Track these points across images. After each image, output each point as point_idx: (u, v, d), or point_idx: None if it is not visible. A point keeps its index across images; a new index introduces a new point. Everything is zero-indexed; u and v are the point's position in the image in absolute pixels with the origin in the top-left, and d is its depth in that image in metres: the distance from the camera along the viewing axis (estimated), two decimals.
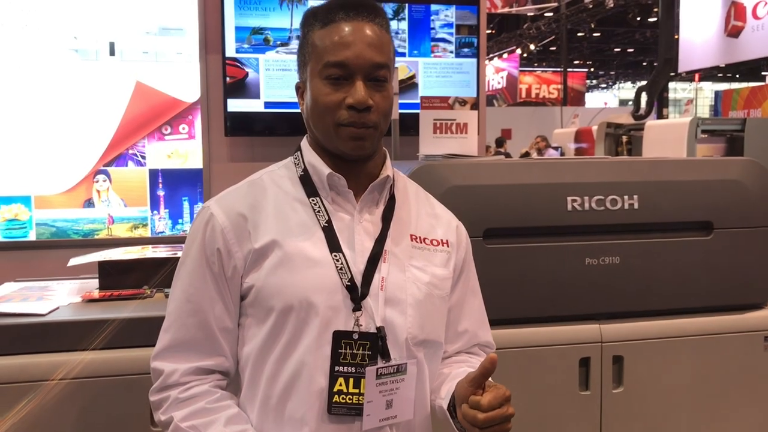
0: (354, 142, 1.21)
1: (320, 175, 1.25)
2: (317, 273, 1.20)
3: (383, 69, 1.21)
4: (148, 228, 3.35)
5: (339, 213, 1.26)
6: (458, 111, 2.36)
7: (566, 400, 1.96)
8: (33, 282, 2.16)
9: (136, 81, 3.29)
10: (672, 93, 25.84)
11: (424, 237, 1.32)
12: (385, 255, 1.24)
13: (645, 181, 2.01)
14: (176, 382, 1.22)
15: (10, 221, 3.23)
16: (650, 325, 2.03)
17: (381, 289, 1.22)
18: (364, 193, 1.26)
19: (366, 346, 1.19)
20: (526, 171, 1.98)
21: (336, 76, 1.19)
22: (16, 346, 1.66)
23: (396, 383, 1.21)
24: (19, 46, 3.20)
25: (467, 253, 1.41)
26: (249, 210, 1.24)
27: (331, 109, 1.20)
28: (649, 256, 2.01)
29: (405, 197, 1.35)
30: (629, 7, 17.19)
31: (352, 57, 1.19)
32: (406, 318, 1.24)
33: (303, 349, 1.19)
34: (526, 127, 15.94)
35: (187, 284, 1.25)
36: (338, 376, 1.18)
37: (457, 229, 1.39)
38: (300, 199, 1.26)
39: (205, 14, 3.35)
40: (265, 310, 1.21)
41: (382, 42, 1.22)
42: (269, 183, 1.29)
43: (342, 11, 1.21)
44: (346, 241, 1.23)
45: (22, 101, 3.22)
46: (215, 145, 3.42)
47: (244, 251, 1.22)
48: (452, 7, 3.53)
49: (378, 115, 1.21)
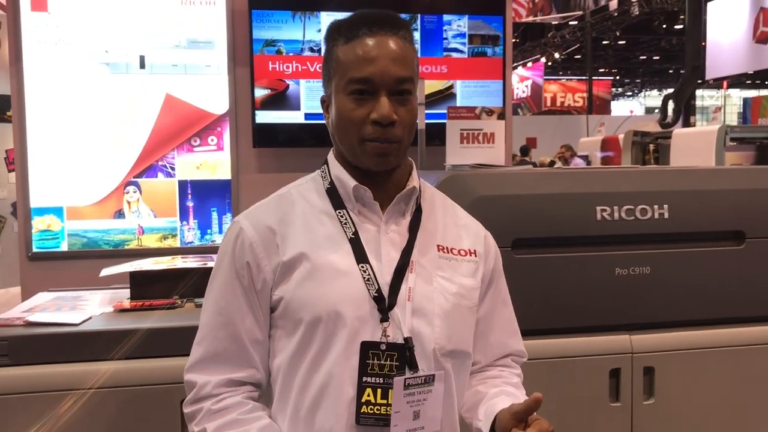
0: (378, 158, 1.22)
1: (346, 188, 1.27)
2: (345, 284, 1.21)
3: (407, 83, 1.22)
4: (177, 238, 3.38)
5: (365, 225, 1.26)
6: (485, 121, 2.36)
7: (596, 411, 1.94)
8: (66, 292, 2.19)
9: (166, 93, 3.34)
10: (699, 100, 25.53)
11: (451, 247, 1.32)
12: (412, 265, 1.25)
13: (675, 190, 1.99)
14: (209, 394, 1.24)
15: (43, 232, 3.28)
16: (681, 335, 2.01)
17: (408, 299, 1.23)
18: (390, 205, 1.27)
19: (394, 356, 1.20)
20: (555, 180, 1.98)
21: (360, 91, 1.20)
22: (51, 355, 1.69)
23: (423, 394, 1.21)
24: (52, 61, 3.26)
25: (496, 262, 1.40)
26: (277, 224, 1.25)
27: (356, 125, 1.21)
28: (679, 266, 1.99)
29: (432, 207, 1.35)
30: (655, 15, 17.08)
31: (376, 72, 1.19)
32: (433, 328, 1.24)
33: (331, 360, 1.20)
34: (551, 136, 15.87)
35: (218, 297, 1.27)
36: (366, 386, 1.19)
37: (485, 239, 1.39)
38: (327, 211, 1.27)
39: (233, 27, 3.39)
40: (293, 322, 1.22)
41: (405, 55, 1.22)
42: (297, 197, 1.30)
43: (365, 26, 1.22)
44: (373, 252, 1.24)
45: (55, 114, 3.28)
46: (243, 157, 3.45)
47: (272, 264, 1.23)
48: (465, 17, 3.53)
49: (402, 129, 1.22)
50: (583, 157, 11.72)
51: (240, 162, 3.45)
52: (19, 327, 1.73)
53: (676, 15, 17.25)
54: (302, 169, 1.40)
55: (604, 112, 23.69)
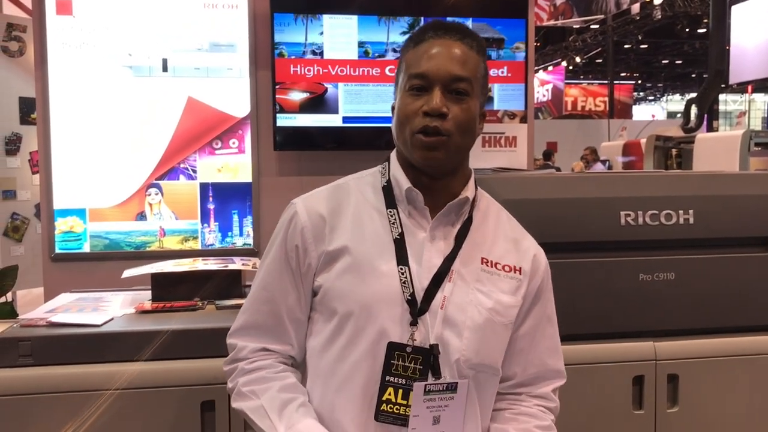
0: (425, 152, 1.24)
1: (400, 188, 1.29)
2: (381, 283, 1.23)
3: (463, 82, 1.24)
4: (198, 241, 3.40)
5: (412, 227, 1.28)
6: (507, 124, 2.35)
7: (619, 419, 1.92)
8: (88, 293, 2.20)
9: (188, 96, 3.36)
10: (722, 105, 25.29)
11: (496, 262, 1.32)
12: (452, 274, 1.26)
13: (700, 195, 1.97)
14: (245, 357, 1.32)
15: (65, 233, 3.31)
16: (706, 343, 1.98)
17: (441, 308, 1.24)
18: (441, 212, 1.29)
19: (418, 360, 1.21)
20: (578, 185, 1.96)
21: (417, 86, 1.24)
22: (73, 356, 1.70)
23: (445, 401, 1.22)
24: (76, 64, 3.29)
25: (544, 281, 1.40)
26: (329, 213, 1.29)
27: (410, 118, 1.24)
28: (705, 272, 1.96)
29: (484, 219, 1.36)
30: (678, 19, 16.93)
31: (433, 67, 1.23)
32: (461, 340, 1.24)
33: (358, 354, 1.23)
34: (572, 140, 15.76)
35: (266, 273, 1.33)
36: (388, 385, 1.21)
37: (534, 258, 1.38)
38: (379, 208, 1.30)
39: (255, 31, 3.41)
40: (329, 310, 1.27)
41: (466, 58, 1.25)
42: (354, 189, 1.34)
43: (432, 31, 1.27)
44: (415, 256, 1.26)
45: (78, 117, 3.31)
46: (264, 160, 3.46)
47: (318, 251, 1.28)
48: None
49: (453, 125, 1.23)
50: (604, 161, 11.64)
51: (261, 165, 3.46)
52: (42, 327, 1.75)
53: (700, 19, 17.10)
54: (322, 172, 1.42)
55: (626, 116, 23.51)
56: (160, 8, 3.33)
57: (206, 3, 3.36)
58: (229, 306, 1.95)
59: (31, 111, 5.12)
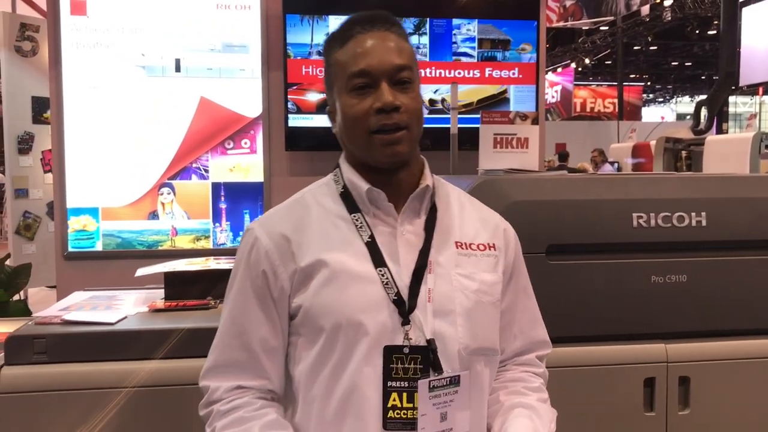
0: (389, 148, 1.20)
1: (359, 191, 1.25)
2: (363, 290, 1.20)
3: (406, 70, 1.21)
4: (210, 240, 3.42)
5: (381, 227, 1.25)
6: (519, 125, 2.35)
7: (630, 421, 1.91)
8: (101, 291, 2.22)
9: (201, 96, 3.38)
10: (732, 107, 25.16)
11: (470, 243, 1.29)
12: (431, 266, 1.23)
13: (713, 198, 1.96)
14: (219, 398, 1.25)
15: (78, 232, 3.33)
16: (718, 345, 1.97)
17: (428, 301, 1.21)
18: (405, 205, 1.25)
19: (417, 359, 1.18)
20: (591, 186, 1.96)
21: (361, 85, 1.20)
22: (87, 354, 1.71)
23: (450, 395, 1.20)
24: (90, 64, 3.32)
25: (516, 254, 1.38)
26: (292, 230, 1.24)
27: (361, 119, 1.20)
28: (717, 274, 1.95)
29: (447, 204, 1.32)
30: (688, 20, 16.86)
31: (374, 63, 1.20)
32: (456, 328, 1.22)
33: (354, 367, 1.19)
34: (581, 142, 15.74)
35: (233, 306, 1.27)
36: (391, 391, 1.18)
37: (504, 232, 1.36)
38: (342, 215, 1.26)
39: (267, 32, 3.42)
40: (314, 330, 1.21)
41: (401, 47, 1.23)
42: (312, 201, 1.29)
43: (358, 26, 1.23)
44: (390, 255, 1.23)
45: (91, 116, 3.33)
46: (276, 160, 3.47)
47: (289, 271, 1.22)
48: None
49: (408, 116, 1.21)
50: (612, 163, 11.61)
51: (272, 165, 3.47)
52: (56, 325, 1.76)
53: (710, 20, 17.02)
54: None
55: (635, 118, 23.43)
56: (174, 9, 3.35)
57: (219, 4, 3.38)
58: None
59: (43, 110, 5.15)
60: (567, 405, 1.88)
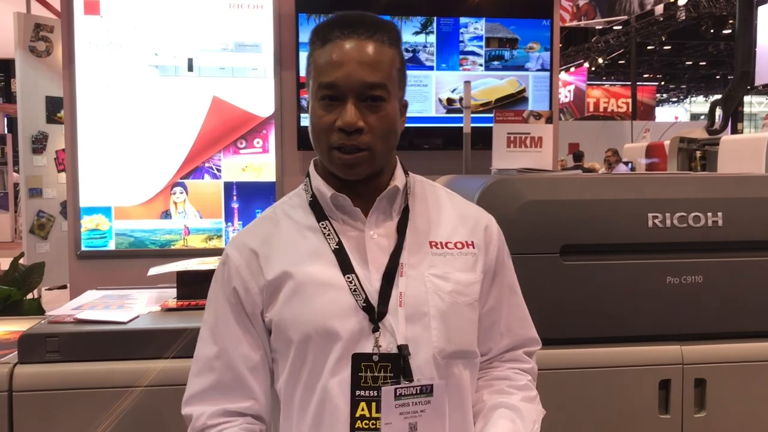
0: (347, 169, 1.17)
1: (325, 198, 1.22)
2: (331, 298, 1.16)
3: (378, 89, 1.15)
4: (222, 239, 3.42)
5: (349, 233, 1.21)
6: (533, 125, 2.33)
7: (645, 423, 1.90)
8: (113, 290, 2.22)
9: (213, 96, 3.38)
10: (747, 107, 24.99)
11: (445, 242, 1.25)
12: (402, 268, 1.19)
13: (729, 198, 1.94)
14: (204, 425, 1.20)
15: (91, 231, 3.35)
16: (734, 347, 1.95)
17: (400, 305, 1.17)
18: (372, 208, 1.22)
19: (387, 367, 1.14)
20: (605, 186, 1.94)
21: (329, 96, 1.15)
22: (100, 352, 1.71)
23: (420, 405, 1.14)
24: (103, 64, 3.33)
25: (500, 251, 1.32)
26: (260, 245, 1.22)
27: (325, 132, 1.16)
28: (733, 275, 1.93)
29: (422, 203, 1.28)
30: (702, 19, 16.74)
31: (342, 77, 1.14)
32: (430, 332, 1.17)
33: (325, 377, 1.16)
34: (595, 142, 15.68)
35: (211, 326, 1.25)
36: (360, 400, 1.14)
37: (486, 229, 1.30)
38: (310, 225, 1.23)
39: (280, 31, 3.42)
40: (285, 342, 1.19)
41: (378, 60, 1.16)
42: (281, 215, 1.27)
43: (338, 29, 1.17)
44: (359, 260, 1.19)
45: (104, 116, 3.35)
46: (288, 159, 3.47)
47: (259, 285, 1.20)
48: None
49: (372, 137, 1.15)
50: (626, 163, 11.55)
51: (284, 164, 3.47)
52: (69, 324, 1.77)
53: (725, 19, 16.88)
54: None
55: (649, 118, 23.31)
56: (186, 8, 3.36)
57: (231, 3, 3.38)
58: None
59: (57, 110, 5.18)
60: (581, 407, 1.87)
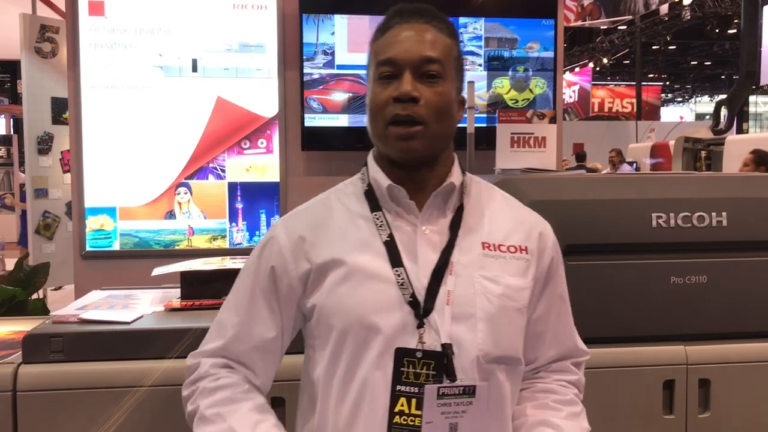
0: (401, 143, 1.16)
1: (381, 188, 1.22)
2: (377, 290, 1.16)
3: (434, 63, 1.16)
4: (226, 239, 3.43)
5: (402, 226, 1.21)
6: (537, 125, 2.33)
7: (649, 424, 1.89)
8: (118, 290, 2.23)
9: (217, 96, 3.39)
10: (752, 107, 24.91)
11: (498, 244, 1.23)
12: (452, 266, 1.18)
13: (734, 198, 1.94)
14: (206, 373, 1.23)
15: (96, 231, 3.35)
16: (739, 347, 1.94)
17: (447, 303, 1.15)
18: (426, 203, 1.21)
19: (430, 365, 1.13)
20: (609, 186, 1.94)
21: (387, 74, 1.17)
22: (104, 352, 1.71)
23: (462, 406, 1.13)
24: (107, 64, 3.33)
25: (553, 260, 1.30)
26: (309, 230, 1.22)
27: (381, 107, 1.17)
28: (738, 275, 1.93)
29: (477, 203, 1.27)
30: (707, 19, 16.71)
31: (400, 51, 1.16)
32: (476, 334, 1.16)
33: (365, 368, 1.15)
34: (599, 142, 15.66)
35: (237, 296, 1.26)
36: (400, 395, 1.13)
37: (540, 236, 1.28)
38: (364, 215, 1.23)
39: (284, 32, 3.43)
40: (326, 329, 1.18)
41: (436, 40, 1.18)
42: (335, 202, 1.27)
43: (398, 17, 1.21)
44: (409, 254, 1.18)
45: (109, 116, 3.35)
46: (292, 160, 3.47)
47: (299, 271, 1.21)
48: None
49: (427, 111, 1.15)
50: (631, 163, 11.54)
51: (288, 165, 3.47)
52: (73, 324, 1.77)
53: (730, 19, 16.85)
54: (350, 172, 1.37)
55: (654, 118, 23.28)
56: (191, 9, 3.36)
57: (236, 4, 3.39)
58: None
59: (62, 111, 5.20)
60: (585, 406, 1.86)
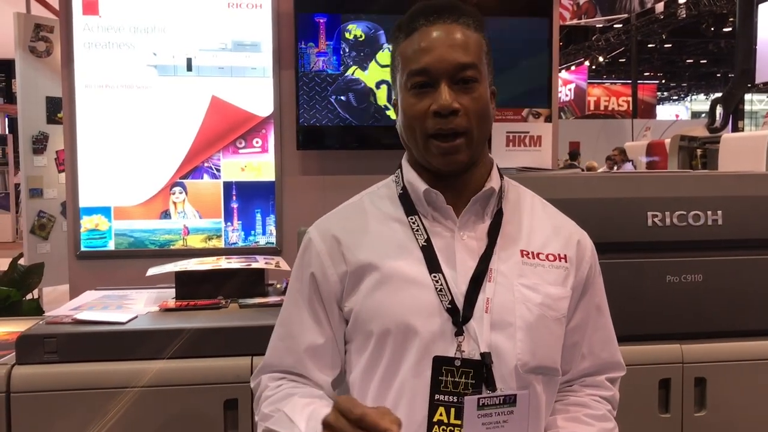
0: (445, 158, 1.15)
1: (417, 192, 1.20)
2: (415, 295, 1.14)
3: (470, 69, 1.13)
4: (221, 239, 3.41)
5: (439, 231, 1.18)
6: (532, 123, 2.33)
7: (645, 422, 1.89)
8: (112, 291, 2.22)
9: (212, 95, 3.37)
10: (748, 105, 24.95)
11: (537, 252, 1.20)
12: (491, 274, 1.15)
13: (729, 196, 1.94)
14: (265, 387, 1.24)
15: (91, 231, 3.34)
16: (734, 346, 1.95)
17: (486, 311, 1.13)
18: (465, 208, 1.19)
19: (469, 374, 1.10)
20: (605, 185, 1.94)
21: (421, 84, 1.14)
22: (98, 353, 1.71)
23: (503, 416, 1.10)
24: (101, 63, 3.32)
25: (591, 269, 1.27)
26: (344, 233, 1.21)
27: (418, 120, 1.14)
28: (733, 274, 1.93)
29: (516, 209, 1.25)
30: (703, 17, 16.73)
31: (434, 61, 1.12)
32: (515, 343, 1.14)
33: (403, 374, 1.13)
34: (595, 140, 15.69)
35: (284, 308, 1.27)
36: (438, 405, 1.11)
37: (578, 244, 1.26)
38: (399, 218, 1.21)
39: (279, 31, 3.42)
40: (364, 334, 1.17)
41: (467, 41, 1.14)
42: (368, 204, 1.25)
43: (423, 17, 1.16)
44: (447, 260, 1.16)
45: (104, 116, 3.34)
46: (287, 159, 3.46)
47: (338, 273, 1.20)
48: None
49: (468, 120, 1.13)
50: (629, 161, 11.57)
51: (284, 164, 3.47)
52: (67, 325, 1.77)
53: (725, 17, 16.88)
54: (345, 171, 1.36)
55: (649, 116, 23.32)
56: (185, 8, 3.35)
57: (230, 2, 3.37)
58: (252, 304, 1.96)
59: (57, 110, 5.17)
60: None
